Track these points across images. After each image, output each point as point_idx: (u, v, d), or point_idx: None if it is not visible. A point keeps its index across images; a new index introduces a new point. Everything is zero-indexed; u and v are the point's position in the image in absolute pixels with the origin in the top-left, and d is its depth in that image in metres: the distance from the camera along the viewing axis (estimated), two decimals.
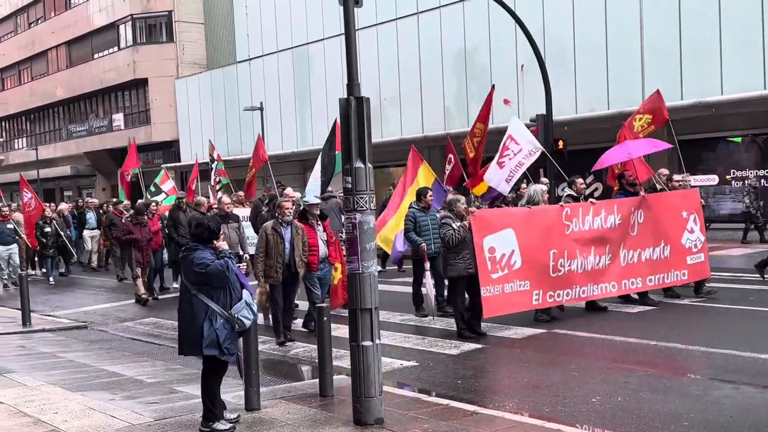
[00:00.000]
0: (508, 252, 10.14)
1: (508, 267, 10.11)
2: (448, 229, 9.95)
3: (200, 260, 6.26)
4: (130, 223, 15.16)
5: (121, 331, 12.44)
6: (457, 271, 10.01)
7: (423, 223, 11.43)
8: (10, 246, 18.10)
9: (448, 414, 6.75)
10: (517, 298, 10.25)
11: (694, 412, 6.63)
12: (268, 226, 10.20)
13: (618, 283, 11.18)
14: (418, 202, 11.62)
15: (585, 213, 10.90)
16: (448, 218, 10.11)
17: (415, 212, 11.51)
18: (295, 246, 10.15)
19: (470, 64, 24.54)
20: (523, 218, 10.55)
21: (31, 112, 50.09)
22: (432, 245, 11.33)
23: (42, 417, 7.10)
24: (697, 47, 19.17)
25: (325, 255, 10.63)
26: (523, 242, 10.25)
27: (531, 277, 10.32)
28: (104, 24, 41.79)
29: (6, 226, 18.12)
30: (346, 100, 6.36)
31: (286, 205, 10.31)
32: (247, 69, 33.95)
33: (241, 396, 7.12)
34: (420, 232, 11.37)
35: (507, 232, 10.18)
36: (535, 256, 10.34)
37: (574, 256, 10.66)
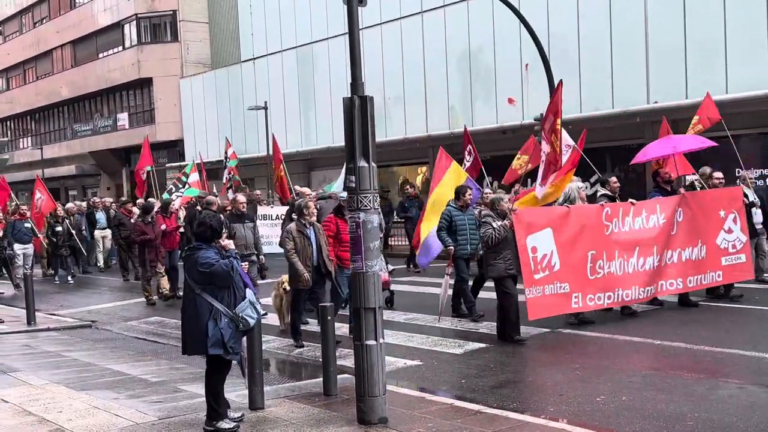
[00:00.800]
0: (549, 252, 9.83)
1: (548, 268, 9.80)
2: (488, 228, 9.63)
3: (204, 260, 6.26)
4: (141, 223, 14.87)
5: (126, 330, 12.46)
6: (497, 271, 9.70)
7: (460, 223, 11.14)
8: (27, 245, 18.02)
9: (452, 413, 6.75)
10: (557, 300, 9.89)
11: (699, 411, 6.61)
12: (293, 229, 9.91)
13: (660, 285, 10.85)
14: (456, 201, 11.32)
15: (626, 213, 10.58)
16: (488, 217, 9.78)
17: (451, 211, 11.22)
18: (321, 246, 9.92)
19: (474, 63, 24.50)
20: (562, 217, 10.18)
21: (36, 111, 50.17)
22: (468, 245, 11.11)
23: (46, 416, 7.12)
24: (702, 46, 19.10)
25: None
26: (561, 242, 9.93)
27: (570, 279, 9.97)
28: (109, 23, 41.83)
29: (24, 225, 18.07)
30: (350, 99, 6.36)
31: (311, 205, 10.07)
32: (252, 68, 33.95)
33: (245, 395, 7.13)
34: (456, 231, 11.10)
35: (546, 232, 9.88)
36: (572, 257, 10.01)
37: (614, 258, 10.33)
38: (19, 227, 17.90)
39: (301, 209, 9.94)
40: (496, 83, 23.78)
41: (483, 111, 24.09)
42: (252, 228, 12.31)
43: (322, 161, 31.01)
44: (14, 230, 17.80)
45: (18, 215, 18.31)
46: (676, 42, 19.48)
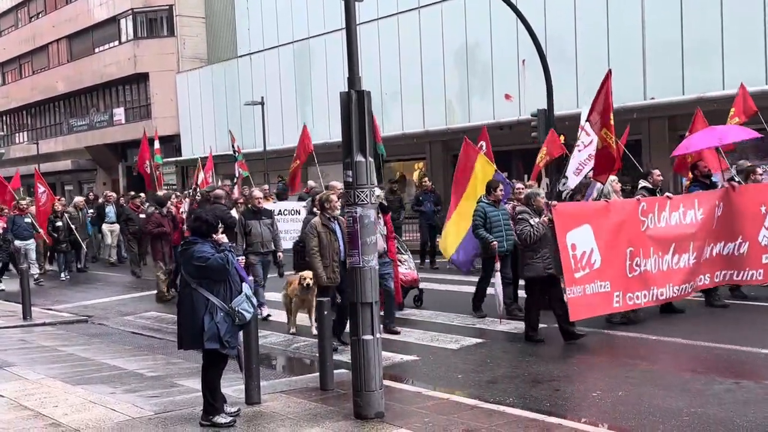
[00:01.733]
0: (588, 249, 9.34)
1: (589, 266, 9.31)
2: (525, 226, 9.12)
3: (200, 254, 6.25)
4: (159, 215, 14.30)
5: (122, 325, 12.44)
6: (535, 271, 9.19)
7: (494, 219, 10.61)
8: (28, 241, 17.65)
9: (449, 408, 6.75)
10: (598, 300, 9.44)
11: (695, 406, 6.63)
12: (317, 223, 9.45)
13: (694, 282, 10.41)
14: (488, 196, 10.79)
15: (662, 208, 10.10)
16: (525, 213, 9.29)
17: (484, 207, 10.69)
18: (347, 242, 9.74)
19: (471, 59, 24.50)
20: (601, 213, 9.71)
21: (31, 106, 50.05)
22: (504, 243, 10.60)
23: (42, 410, 7.10)
24: (699, 42, 19.11)
25: (384, 250, 9.84)
26: (601, 239, 9.45)
27: (610, 277, 9.50)
28: (105, 18, 41.73)
29: (24, 221, 17.64)
30: (347, 93, 6.35)
31: (334, 198, 9.55)
32: (248, 63, 33.90)
33: (241, 390, 7.12)
34: (491, 228, 10.58)
35: (585, 228, 9.39)
36: (612, 255, 9.55)
37: (649, 255, 9.88)
38: (19, 223, 17.53)
39: (323, 202, 9.54)
40: (493, 79, 23.78)
41: (480, 107, 24.09)
42: (270, 224, 11.84)
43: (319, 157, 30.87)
44: (14, 226, 17.42)
45: (17, 210, 17.90)
46: (672, 38, 19.49)
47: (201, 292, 6.26)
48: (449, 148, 26.57)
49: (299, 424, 6.40)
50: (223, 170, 35.15)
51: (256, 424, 6.46)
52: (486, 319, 10.78)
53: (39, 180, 20.08)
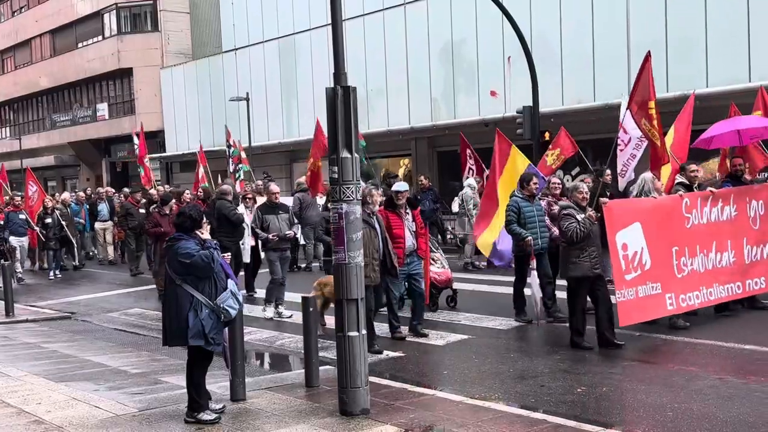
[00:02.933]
0: (639, 249, 8.89)
1: (640, 267, 8.86)
2: (571, 222, 8.55)
3: (184, 250, 6.22)
4: (157, 214, 13.71)
5: (106, 322, 12.37)
6: (581, 270, 8.61)
7: (528, 214, 10.04)
8: (22, 238, 17.35)
9: (435, 404, 6.76)
10: (651, 302, 9.00)
11: (678, 402, 6.67)
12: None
13: (743, 284, 9.95)
14: (522, 190, 10.20)
15: (704, 204, 9.65)
16: (570, 208, 8.75)
17: (518, 201, 10.11)
18: (387, 240, 9.06)
19: (457, 55, 24.50)
20: (650, 210, 9.25)
21: (14, 101, 49.62)
22: (539, 239, 10.03)
23: (25, 407, 7.05)
24: (683, 39, 19.21)
25: (413, 248, 9.60)
26: (650, 238, 9.01)
27: (661, 278, 9.07)
28: (88, 13, 41.40)
29: (18, 217, 17.29)
30: (333, 89, 6.33)
31: (376, 194, 9.19)
32: (233, 59, 33.74)
33: (226, 386, 7.10)
34: (525, 224, 10.00)
35: (636, 227, 8.93)
36: (661, 254, 9.12)
37: (695, 254, 9.48)
38: (13, 219, 17.13)
39: (363, 196, 8.96)
40: (478, 76, 23.79)
41: (465, 103, 24.10)
42: (287, 219, 11.53)
43: (304, 152, 30.82)
44: (8, 222, 16.98)
45: (12, 206, 17.51)
46: (657, 36, 19.58)
47: (186, 288, 6.24)
48: (435, 144, 26.58)
49: (284, 421, 6.39)
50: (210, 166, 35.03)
51: (242, 420, 6.44)
52: (471, 314, 10.79)
53: (31, 179, 19.66)
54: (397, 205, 9.52)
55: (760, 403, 6.55)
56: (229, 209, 12.73)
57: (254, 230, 11.66)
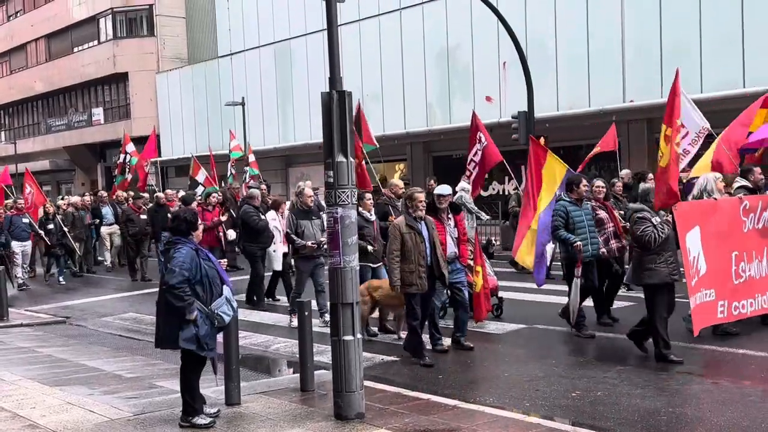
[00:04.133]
0: (696, 254, 8.47)
1: (697, 273, 8.43)
2: (647, 226, 8.13)
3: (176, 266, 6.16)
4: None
5: (101, 326, 12.34)
6: (659, 277, 8.17)
7: (577, 219, 9.56)
8: (25, 243, 16.90)
9: (429, 408, 6.77)
10: (704, 310, 8.50)
11: (673, 406, 6.68)
12: (400, 223, 8.60)
13: None
14: (569, 194, 9.72)
15: (764, 207, 9.18)
16: (644, 212, 8.34)
17: (566, 205, 9.60)
18: (436, 245, 8.66)
19: (452, 60, 24.57)
20: (709, 213, 8.74)
21: (9, 105, 49.54)
22: (589, 245, 9.51)
23: (20, 412, 7.04)
24: (677, 45, 19.28)
25: (455, 255, 9.17)
26: (707, 242, 8.55)
27: (715, 284, 8.62)
28: (84, 17, 41.40)
29: (22, 221, 16.80)
30: (328, 93, 6.35)
31: (420, 197, 8.72)
32: (229, 64, 33.78)
33: (221, 391, 7.09)
34: (574, 229, 9.50)
35: (696, 230, 8.52)
36: (717, 260, 8.65)
37: (752, 259, 9.01)
38: (16, 223, 16.66)
39: (407, 200, 8.79)
40: (473, 81, 23.86)
41: (460, 108, 24.13)
42: (320, 225, 10.87)
43: (300, 157, 30.92)
44: (11, 226, 16.51)
45: (15, 210, 17.06)
46: (651, 41, 19.67)
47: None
48: (430, 149, 26.63)
49: (279, 425, 6.39)
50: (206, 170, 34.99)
51: (236, 425, 6.44)
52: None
53: (29, 180, 19.15)
54: (438, 210, 9.07)
55: (754, 407, 6.57)
56: (250, 216, 12.47)
57: (288, 236, 10.98)
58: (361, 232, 9.94)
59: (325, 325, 10.39)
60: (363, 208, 10.40)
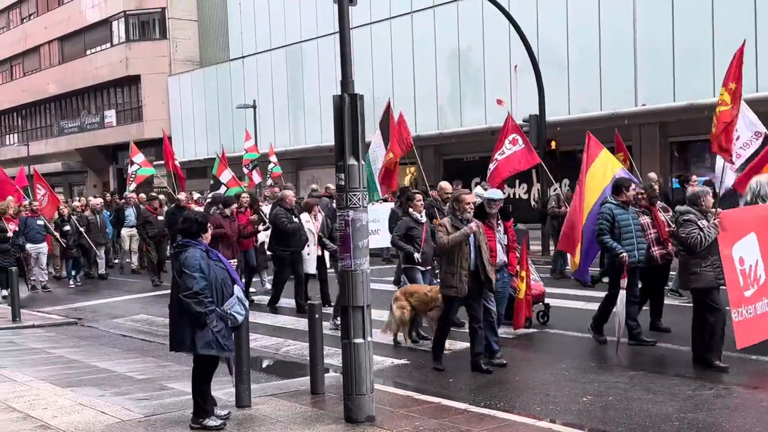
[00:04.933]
0: (754, 262, 8.12)
1: (755, 281, 8.07)
2: (693, 229, 7.92)
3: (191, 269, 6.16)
4: (219, 215, 12.82)
5: (112, 328, 12.39)
6: (705, 281, 7.97)
7: (624, 223, 9.08)
8: (40, 245, 16.67)
9: (440, 412, 6.75)
10: (766, 321, 8.15)
11: (684, 411, 6.65)
12: (446, 224, 8.27)
13: None
14: (616, 197, 9.23)
15: None
16: (690, 214, 8.08)
17: (612, 209, 9.11)
18: (481, 248, 8.23)
19: (464, 63, 24.56)
20: (764, 218, 8.42)
21: (22, 107, 49.88)
22: (635, 251, 9.05)
23: (31, 412, 7.07)
24: (690, 49, 19.23)
25: (504, 263, 8.76)
26: (764, 248, 8.23)
27: None
28: (97, 20, 41.65)
29: (36, 223, 16.63)
30: (340, 96, 6.35)
31: (468, 198, 8.37)
32: (240, 67, 33.89)
33: (231, 393, 7.10)
34: (620, 234, 9.04)
35: (751, 237, 8.17)
36: None
37: None
38: (31, 225, 16.48)
39: (452, 202, 8.53)
40: (485, 84, 23.85)
41: (472, 111, 24.17)
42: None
43: (311, 160, 30.98)
44: (26, 228, 16.33)
45: (29, 212, 16.93)
46: (664, 45, 19.60)
47: None
48: (441, 152, 26.63)
49: (289, 428, 6.39)
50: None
51: (246, 427, 6.45)
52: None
53: (39, 181, 19.02)
54: (488, 215, 8.62)
55: (767, 413, 6.53)
56: (280, 218, 12.29)
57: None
58: (409, 234, 10.05)
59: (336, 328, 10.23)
60: (413, 209, 10.17)
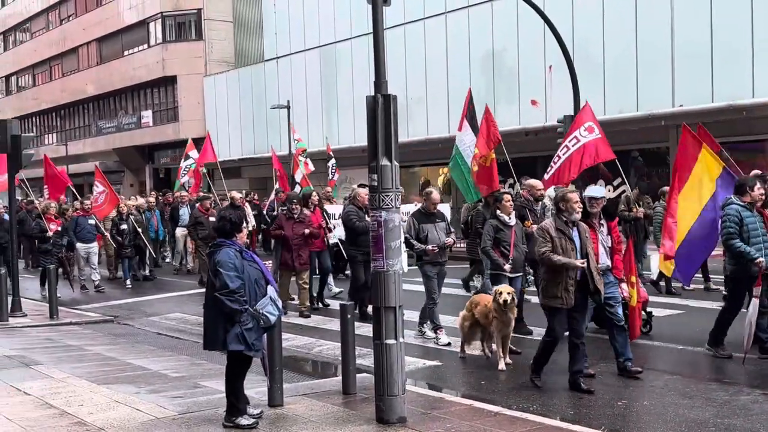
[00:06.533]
0: None
1: None
2: None
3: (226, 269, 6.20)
4: (283, 216, 12.54)
5: (147, 326, 12.54)
6: None
7: (752, 226, 8.37)
8: (91, 244, 16.49)
9: (472, 414, 6.72)
10: None
11: (721, 417, 6.54)
12: (549, 227, 7.50)
13: None
14: (741, 197, 8.50)
15: None
16: None
17: (739, 210, 8.40)
18: (589, 255, 7.51)
19: (498, 64, 24.44)
20: None
21: (61, 108, 50.65)
22: (763, 256, 8.29)
23: (68, 409, 7.17)
24: (729, 49, 18.92)
25: (607, 267, 7.99)
26: None
27: None
28: (134, 21, 42.16)
29: (87, 222, 16.46)
30: (373, 97, 6.36)
31: (576, 197, 7.59)
32: (275, 67, 34.08)
33: (264, 392, 7.14)
34: (748, 238, 8.34)
35: None
36: None
37: None
38: (82, 224, 16.33)
39: (558, 202, 7.63)
40: (519, 84, 23.70)
41: (506, 112, 24.00)
42: (445, 229, 10.13)
43: (344, 161, 30.99)
44: (77, 227, 16.20)
45: (81, 211, 16.89)
46: (702, 45, 19.31)
47: None
48: None
49: (321, 428, 6.41)
50: (249, 173, 35.39)
51: (279, 426, 6.48)
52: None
53: (99, 178, 18.59)
54: (590, 215, 7.85)
55: None
56: (349, 217, 11.93)
57: (408, 241, 10.15)
58: (497, 236, 9.42)
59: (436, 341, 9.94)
60: (502, 211, 9.58)
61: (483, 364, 8.83)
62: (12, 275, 13.57)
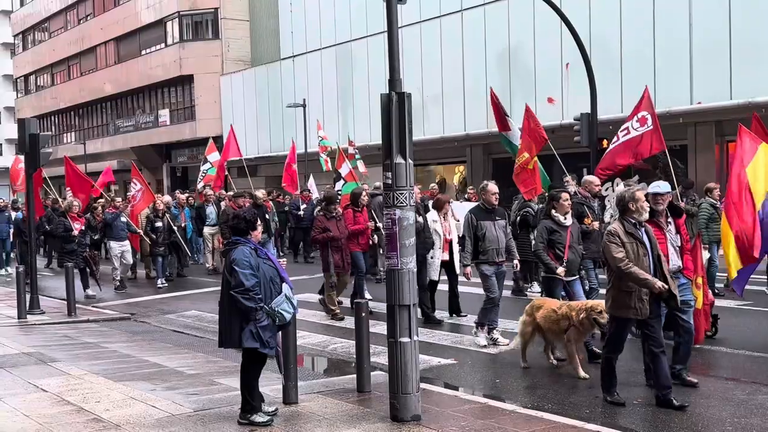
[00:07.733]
0: None
1: None
2: None
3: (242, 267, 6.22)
4: (323, 217, 11.87)
5: (164, 323, 12.60)
6: None
7: None
8: (124, 243, 16.39)
9: (486, 412, 6.71)
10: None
11: (738, 416, 6.49)
12: (618, 231, 6.80)
13: None
14: None
15: None
16: None
17: None
18: (661, 259, 6.89)
19: (514, 62, 24.35)
20: None
21: (79, 107, 51.00)
22: None
23: (84, 405, 7.23)
24: (748, 46, 18.74)
25: (678, 268, 7.47)
26: None
27: None
28: (152, 21, 42.39)
29: (120, 220, 16.33)
30: (388, 95, 6.35)
31: (642, 195, 6.95)
32: (291, 66, 34.15)
33: (279, 389, 7.16)
34: None
35: None
36: None
37: None
38: (114, 222, 16.25)
39: (627, 202, 6.90)
40: (535, 82, 23.60)
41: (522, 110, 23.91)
42: (504, 227, 9.64)
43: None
44: (108, 226, 16.14)
45: (112, 208, 16.76)
46: (720, 42, 19.14)
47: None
48: (490, 151, 26.43)
49: (336, 425, 6.42)
50: (265, 172, 35.48)
51: (293, 423, 6.49)
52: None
53: (136, 176, 18.27)
54: (655, 213, 7.28)
55: None
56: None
57: (464, 239, 9.72)
58: (551, 238, 8.77)
59: (492, 343, 9.53)
60: (558, 210, 8.86)
61: (497, 363, 8.79)
62: (30, 273, 13.68)
